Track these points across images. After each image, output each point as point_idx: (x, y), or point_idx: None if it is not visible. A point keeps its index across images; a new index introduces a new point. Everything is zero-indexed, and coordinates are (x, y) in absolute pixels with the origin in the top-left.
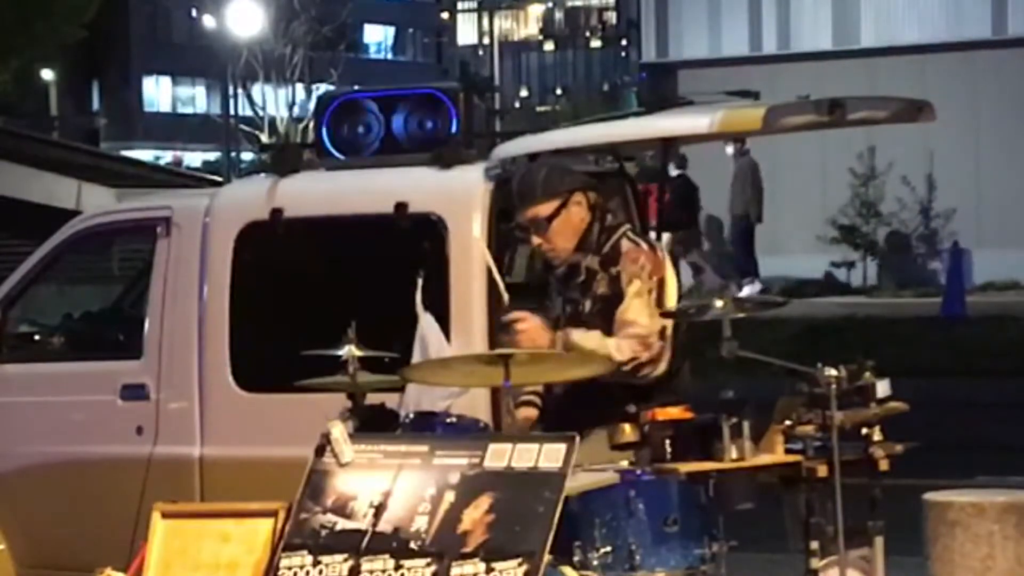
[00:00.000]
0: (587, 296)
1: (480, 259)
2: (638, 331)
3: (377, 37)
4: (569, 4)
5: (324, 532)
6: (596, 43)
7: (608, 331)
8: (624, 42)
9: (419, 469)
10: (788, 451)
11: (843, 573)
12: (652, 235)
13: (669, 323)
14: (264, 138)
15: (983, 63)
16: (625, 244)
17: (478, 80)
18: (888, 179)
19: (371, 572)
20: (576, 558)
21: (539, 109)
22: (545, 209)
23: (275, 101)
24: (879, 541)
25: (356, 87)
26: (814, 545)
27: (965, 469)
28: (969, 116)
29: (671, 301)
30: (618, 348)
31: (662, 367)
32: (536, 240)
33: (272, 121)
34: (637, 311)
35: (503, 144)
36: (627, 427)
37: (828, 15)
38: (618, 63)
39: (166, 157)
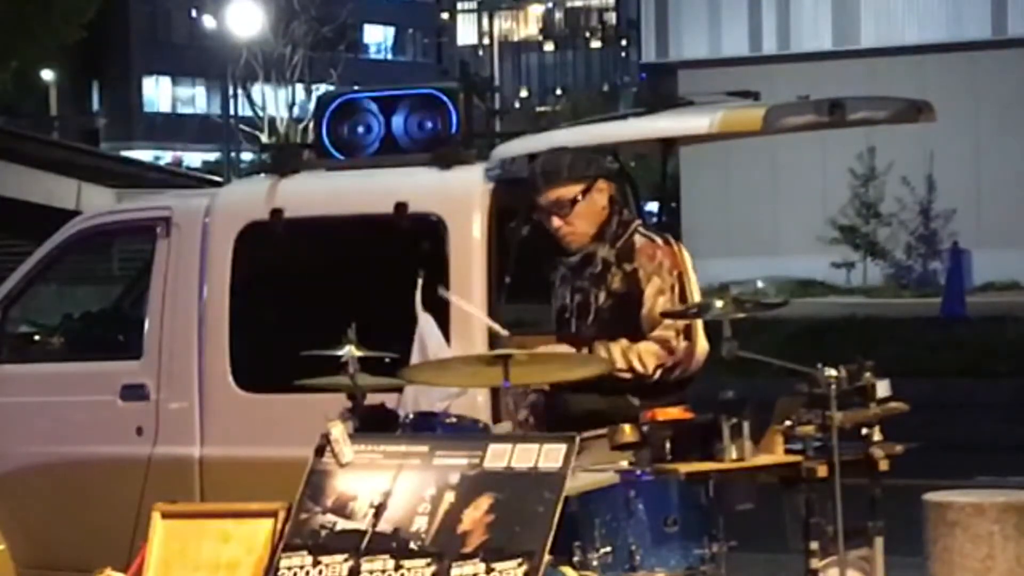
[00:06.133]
0: (600, 288)
1: (480, 259)
2: (666, 333)
3: (377, 37)
4: (569, 4)
5: (324, 532)
6: (596, 43)
7: (618, 328)
8: (624, 42)
9: (419, 469)
10: (788, 451)
11: (843, 573)
12: None
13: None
14: (264, 138)
15: (983, 63)
16: (639, 240)
17: (478, 80)
18: (888, 179)
19: (371, 572)
20: (576, 558)
21: (539, 109)
22: (570, 191)
23: (275, 101)
24: (879, 541)
25: (356, 87)
26: (814, 545)
27: (965, 469)
28: (969, 116)
29: (693, 294)
30: (640, 360)
31: (693, 364)
32: (557, 223)
33: (272, 121)
34: (663, 309)
35: (503, 144)
36: (627, 427)
37: (828, 15)
38: (618, 63)
39: (166, 157)
